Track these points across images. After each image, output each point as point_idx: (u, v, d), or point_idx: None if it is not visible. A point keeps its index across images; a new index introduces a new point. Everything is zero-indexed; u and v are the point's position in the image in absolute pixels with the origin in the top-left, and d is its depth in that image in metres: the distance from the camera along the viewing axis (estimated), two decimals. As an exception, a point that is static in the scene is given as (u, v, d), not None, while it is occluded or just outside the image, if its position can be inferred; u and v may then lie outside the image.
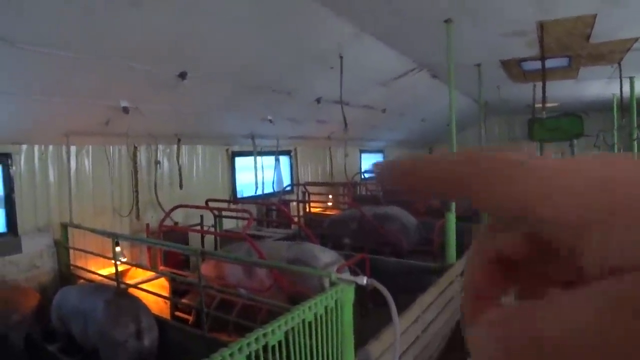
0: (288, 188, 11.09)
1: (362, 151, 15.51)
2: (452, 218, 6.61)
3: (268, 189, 10.43)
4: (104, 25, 4.62)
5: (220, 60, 6.23)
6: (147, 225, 7.25)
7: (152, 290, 5.95)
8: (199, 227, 7.90)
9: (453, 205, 6.65)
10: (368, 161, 16.24)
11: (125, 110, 6.24)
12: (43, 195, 6.51)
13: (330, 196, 12.17)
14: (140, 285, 5.97)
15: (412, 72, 9.13)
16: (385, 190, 11.22)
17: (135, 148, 7.49)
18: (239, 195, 9.87)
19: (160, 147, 7.95)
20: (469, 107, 14.26)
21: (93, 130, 6.56)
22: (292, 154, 11.76)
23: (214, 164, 9.27)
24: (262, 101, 7.90)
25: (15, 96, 5.20)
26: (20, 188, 6.24)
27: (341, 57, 6.93)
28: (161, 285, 6.29)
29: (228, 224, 8.59)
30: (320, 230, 9.32)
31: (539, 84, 9.11)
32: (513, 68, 9.54)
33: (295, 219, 9.12)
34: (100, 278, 6.25)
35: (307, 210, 10.96)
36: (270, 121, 8.50)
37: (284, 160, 11.66)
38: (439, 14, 6.07)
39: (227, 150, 9.48)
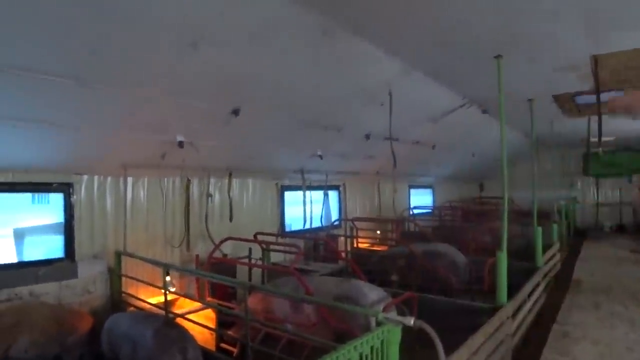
0: (336, 223, 11.08)
1: (410, 186, 15.39)
2: (503, 257, 6.40)
3: (316, 223, 10.47)
4: (164, 65, 4.86)
5: (272, 96, 6.41)
6: (197, 256, 7.38)
7: (199, 320, 5.99)
8: (247, 260, 7.96)
9: (504, 243, 6.45)
10: (417, 197, 16.08)
11: (181, 144, 6.48)
12: (100, 224, 6.77)
13: (378, 232, 12.05)
14: (187, 316, 6.05)
15: (461, 108, 9.07)
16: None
17: (189, 181, 7.71)
18: (287, 229, 9.94)
19: (212, 180, 8.16)
20: (520, 142, 13.99)
21: (149, 163, 6.81)
22: (340, 188, 11.79)
23: (264, 197, 9.41)
24: (312, 137, 8.02)
25: (79, 130, 5.48)
26: (79, 216, 6.52)
27: (390, 94, 7.00)
28: (207, 317, 6.37)
29: (276, 258, 8.62)
30: (368, 266, 9.23)
31: (594, 118, 8.85)
32: (566, 102, 9.34)
33: (343, 254, 9.07)
34: (149, 306, 6.35)
35: (355, 245, 10.90)
36: (320, 157, 8.58)
37: (333, 195, 11.70)
38: (489, 49, 6.04)
39: (276, 184, 9.61)
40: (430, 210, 15.15)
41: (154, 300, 6.65)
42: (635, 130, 13.85)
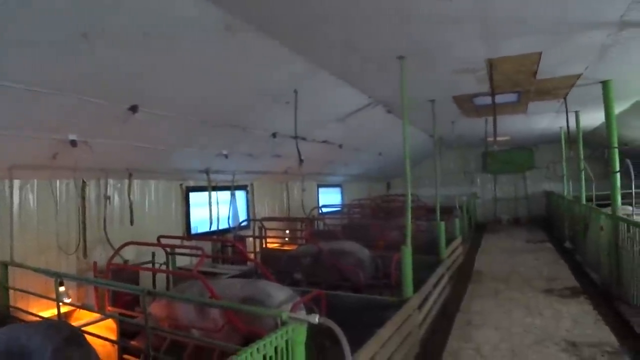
0: (244, 223, 10.89)
1: (319, 186, 15.51)
2: (408, 251, 6.59)
3: (224, 225, 10.23)
4: (52, 57, 4.46)
5: (172, 94, 6.13)
6: (95, 263, 6.92)
7: (99, 332, 5.64)
8: (150, 265, 7.62)
9: (409, 238, 6.64)
10: (326, 196, 16.24)
11: (73, 143, 6.02)
12: None
13: (287, 232, 12.01)
14: (85, 328, 5.63)
15: (367, 107, 9.25)
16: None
17: (84, 183, 7.24)
18: (193, 232, 9.63)
19: (112, 181, 7.75)
20: (424, 141, 14.55)
21: (39, 164, 6.30)
22: (248, 188, 11.62)
23: (168, 199, 9.05)
24: (217, 136, 7.81)
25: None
26: None
27: (296, 92, 6.96)
28: (109, 327, 5.99)
29: (182, 262, 8.33)
30: (277, 267, 9.16)
31: (491, 119, 9.37)
32: (465, 103, 9.83)
33: (252, 255, 8.93)
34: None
35: (264, 246, 10.78)
36: (226, 156, 8.40)
37: (241, 195, 11.51)
38: (392, 51, 6.19)
39: (181, 185, 9.29)
40: (339, 209, 15.34)
41: (48, 313, 6.20)
42: (528, 129, 14.96)
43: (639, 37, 5.89)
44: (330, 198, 16.78)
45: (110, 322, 6.00)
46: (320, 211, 14.06)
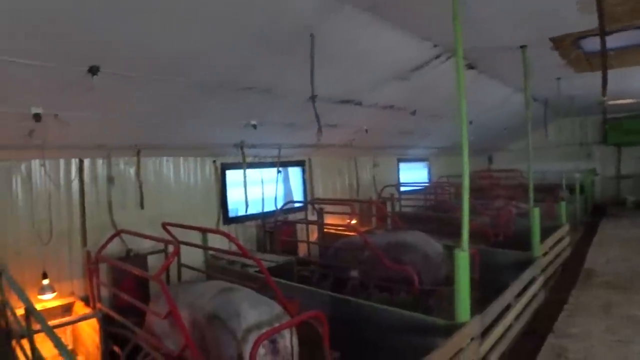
0: (297, 205, 9.43)
1: (400, 160, 13.54)
2: (464, 256, 4.65)
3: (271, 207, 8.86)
4: None
5: (159, 57, 4.79)
6: (88, 252, 6.06)
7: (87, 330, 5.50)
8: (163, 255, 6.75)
9: (466, 236, 4.71)
10: (409, 172, 14.23)
11: (37, 117, 4.87)
12: None
13: (352, 221, 10.28)
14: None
15: (436, 61, 7.23)
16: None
17: (81, 162, 6.32)
18: (232, 215, 8.34)
19: (122, 160, 6.78)
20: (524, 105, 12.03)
21: (16, 144, 5.37)
22: (304, 165, 10.08)
23: (195, 178, 7.83)
24: (231, 103, 6.35)
25: None
26: None
27: (312, 37, 5.20)
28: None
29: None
30: (327, 259, 7.70)
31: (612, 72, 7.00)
32: (570, 50, 7.30)
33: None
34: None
35: (321, 232, 9.33)
36: (254, 126, 6.92)
37: (297, 173, 10.04)
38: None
39: (214, 162, 8.01)
40: (422, 188, 13.30)
41: (39, 306, 5.41)
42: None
43: None
44: (415, 174, 14.74)
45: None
46: (398, 190, 12.22)
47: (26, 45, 3.89)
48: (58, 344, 3.02)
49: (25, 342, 4.33)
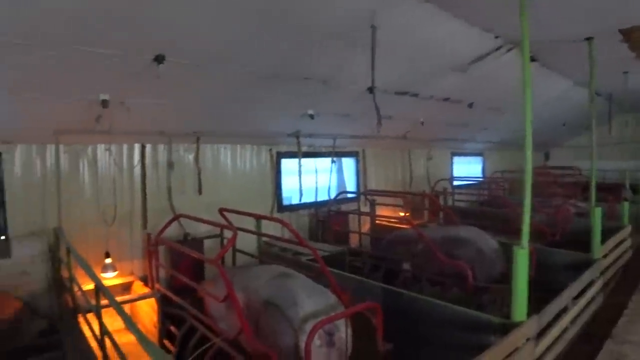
0: (350, 196, 9.43)
1: (454, 154, 13.30)
2: (523, 254, 4.52)
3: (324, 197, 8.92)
4: None
5: (220, 46, 4.93)
6: (148, 235, 6.17)
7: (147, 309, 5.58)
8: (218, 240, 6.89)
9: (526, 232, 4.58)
10: (463, 166, 13.96)
11: (105, 103, 5.09)
12: (36, 198, 5.76)
13: (405, 213, 10.20)
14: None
15: (496, 52, 7.05)
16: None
17: (144, 147, 6.54)
18: (286, 203, 8.45)
19: (182, 146, 6.97)
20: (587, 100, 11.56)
21: (84, 129, 5.55)
22: (358, 156, 10.06)
23: (251, 166, 7.97)
24: (289, 93, 6.43)
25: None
26: (11, 189, 5.58)
27: (373, 28, 5.17)
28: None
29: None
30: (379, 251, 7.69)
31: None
32: (640, 41, 6.95)
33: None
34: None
35: (373, 224, 9.32)
36: (311, 116, 6.98)
37: (350, 163, 10.03)
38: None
39: (270, 150, 8.11)
40: (475, 182, 13.04)
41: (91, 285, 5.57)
42: None
43: None
44: (469, 169, 14.45)
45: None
46: (451, 184, 12.04)
47: (97, 35, 4.08)
48: (126, 318, 3.17)
49: (90, 317, 4.59)
